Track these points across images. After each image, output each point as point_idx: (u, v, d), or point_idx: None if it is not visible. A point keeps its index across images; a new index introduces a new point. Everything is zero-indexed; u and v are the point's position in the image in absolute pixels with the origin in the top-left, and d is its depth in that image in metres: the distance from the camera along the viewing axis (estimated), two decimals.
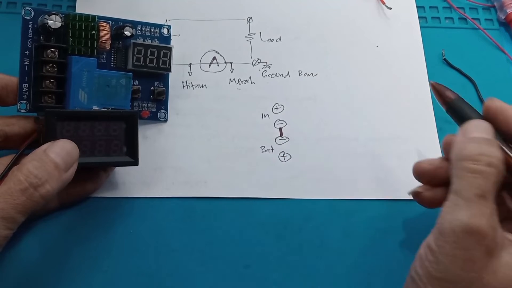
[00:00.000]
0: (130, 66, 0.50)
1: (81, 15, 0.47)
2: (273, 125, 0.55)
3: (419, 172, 0.47)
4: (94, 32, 0.47)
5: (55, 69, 0.46)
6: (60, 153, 0.42)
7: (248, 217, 0.51)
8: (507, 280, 0.37)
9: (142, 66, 0.51)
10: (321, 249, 0.50)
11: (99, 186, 0.50)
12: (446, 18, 0.63)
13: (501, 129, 0.42)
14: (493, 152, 0.40)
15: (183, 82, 0.56)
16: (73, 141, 0.44)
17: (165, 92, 0.53)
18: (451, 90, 0.46)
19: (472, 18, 0.63)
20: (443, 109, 0.47)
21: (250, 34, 0.59)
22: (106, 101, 0.48)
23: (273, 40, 0.59)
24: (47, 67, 0.46)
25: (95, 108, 0.48)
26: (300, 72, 0.58)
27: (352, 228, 0.51)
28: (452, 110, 0.46)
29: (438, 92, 0.47)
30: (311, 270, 0.49)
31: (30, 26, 0.46)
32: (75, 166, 0.43)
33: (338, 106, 0.56)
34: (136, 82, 0.51)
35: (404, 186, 0.48)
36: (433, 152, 0.55)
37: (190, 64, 0.56)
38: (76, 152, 0.43)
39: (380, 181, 0.53)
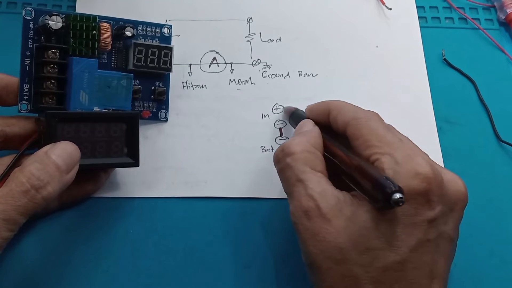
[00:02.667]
0: (131, 66, 0.50)
1: (82, 15, 0.47)
2: (273, 125, 0.55)
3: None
4: (95, 32, 0.47)
5: (56, 70, 0.46)
6: (61, 155, 0.42)
7: (248, 217, 0.51)
8: (348, 232, 0.39)
9: (143, 66, 0.50)
10: None
11: (99, 186, 0.50)
12: (446, 18, 0.63)
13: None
14: (288, 143, 0.44)
15: (183, 82, 0.56)
16: (74, 142, 0.44)
17: (166, 92, 0.53)
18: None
19: (472, 18, 0.63)
20: (442, 111, 0.48)
21: (250, 34, 0.59)
22: (107, 102, 0.48)
23: (273, 40, 0.59)
24: (48, 68, 0.46)
25: (96, 109, 0.47)
26: (300, 72, 0.58)
27: None
28: (293, 117, 0.53)
29: (286, 110, 0.55)
30: None
31: (31, 26, 0.46)
32: (76, 168, 0.43)
33: None
34: (136, 82, 0.51)
35: None
36: (433, 152, 0.55)
37: (190, 64, 0.56)
38: (78, 154, 0.44)
39: None
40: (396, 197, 0.35)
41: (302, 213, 0.40)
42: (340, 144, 0.44)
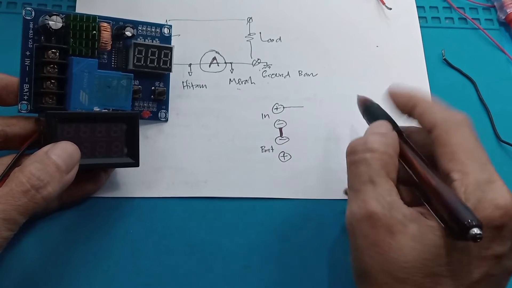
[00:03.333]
0: (131, 66, 0.50)
1: (82, 15, 0.47)
2: (273, 125, 0.55)
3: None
4: (95, 32, 0.47)
5: (56, 70, 0.46)
6: (61, 155, 0.42)
7: (248, 217, 0.51)
8: (414, 252, 0.37)
9: (143, 66, 0.50)
10: (321, 249, 0.50)
11: (99, 186, 0.50)
12: (446, 18, 0.63)
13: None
14: (371, 138, 0.42)
15: (183, 82, 0.56)
16: (74, 142, 0.44)
17: (166, 92, 0.53)
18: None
19: (472, 18, 0.63)
20: None
21: (250, 34, 0.59)
22: (107, 102, 0.48)
23: (273, 40, 0.59)
24: (48, 68, 0.46)
25: (96, 109, 0.47)
26: (300, 72, 0.58)
27: None
28: (367, 111, 0.50)
29: (360, 100, 0.51)
30: (311, 270, 0.49)
31: (31, 26, 0.46)
32: (76, 168, 0.43)
33: (338, 106, 0.56)
34: (136, 82, 0.51)
35: None
36: None
37: (190, 64, 0.56)
38: (78, 154, 0.44)
39: None
40: (473, 232, 0.34)
41: (366, 216, 0.38)
42: (416, 150, 0.43)
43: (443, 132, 0.41)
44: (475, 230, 0.34)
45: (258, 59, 0.58)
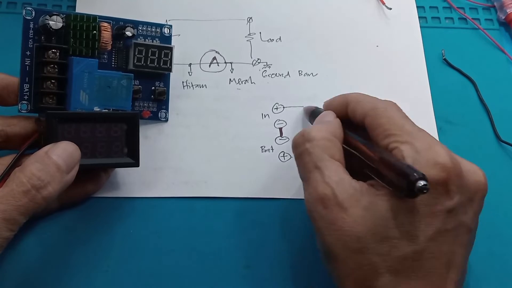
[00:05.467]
0: (131, 66, 0.50)
1: (82, 15, 0.47)
2: (273, 125, 0.55)
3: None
4: (95, 32, 0.47)
5: (56, 70, 0.46)
6: (62, 155, 0.42)
7: (248, 217, 0.51)
8: (366, 222, 0.38)
9: (143, 66, 0.50)
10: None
11: (99, 187, 0.50)
12: (446, 18, 0.63)
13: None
14: (308, 129, 0.44)
15: (183, 82, 0.56)
16: (74, 142, 0.44)
17: (166, 92, 0.53)
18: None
19: (472, 18, 0.63)
20: (442, 111, 0.48)
21: (250, 34, 0.59)
22: (107, 102, 0.48)
23: (273, 40, 0.59)
24: (48, 68, 0.46)
25: (96, 109, 0.48)
26: (300, 72, 0.58)
27: None
28: (313, 115, 0.51)
29: (306, 109, 0.55)
30: (311, 270, 0.49)
31: (31, 26, 0.46)
32: (76, 168, 0.43)
33: None
34: (137, 82, 0.51)
35: None
36: None
37: (190, 64, 0.56)
38: (78, 154, 0.44)
39: None
40: (420, 185, 0.35)
41: (318, 200, 0.40)
42: (358, 135, 0.45)
43: (373, 117, 0.43)
44: (421, 183, 0.35)
45: (258, 59, 0.58)
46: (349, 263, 0.39)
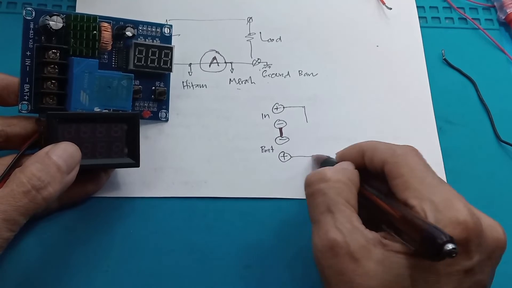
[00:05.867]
0: (131, 66, 0.50)
1: (82, 15, 0.47)
2: (273, 125, 0.55)
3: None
4: (95, 32, 0.47)
5: (56, 70, 0.46)
6: (62, 155, 0.42)
7: (248, 217, 0.51)
8: (379, 276, 0.37)
9: (144, 66, 0.50)
10: None
11: (99, 187, 0.50)
12: (446, 18, 0.63)
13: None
14: (327, 170, 0.43)
15: (183, 82, 0.56)
16: (74, 143, 0.44)
17: (166, 92, 0.53)
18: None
19: (472, 18, 0.63)
20: (442, 111, 0.48)
21: (250, 34, 0.59)
22: (108, 102, 0.48)
23: (273, 40, 0.59)
24: (49, 68, 0.46)
25: (97, 109, 0.48)
26: (300, 72, 0.58)
27: None
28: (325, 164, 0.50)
29: (316, 158, 0.53)
30: (311, 270, 0.49)
31: (31, 26, 0.46)
32: (77, 169, 0.43)
33: (338, 106, 0.57)
34: (137, 82, 0.51)
35: None
36: (433, 152, 0.55)
37: (190, 64, 0.56)
38: (78, 155, 0.44)
39: None
40: (448, 248, 0.34)
41: (328, 247, 0.39)
42: (376, 188, 0.43)
43: (393, 165, 0.41)
44: (449, 246, 0.34)
45: (258, 59, 0.58)
46: None
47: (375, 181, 0.44)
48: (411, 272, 0.37)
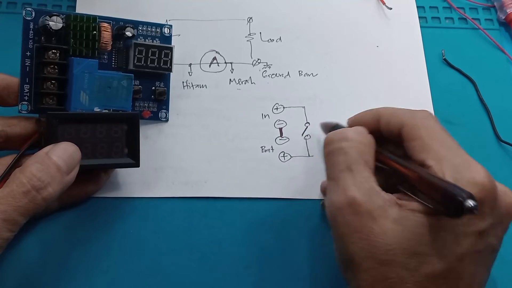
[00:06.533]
0: (131, 67, 0.50)
1: (82, 15, 0.47)
2: (273, 125, 0.55)
3: (322, 190, 0.51)
4: (95, 32, 0.47)
5: (56, 70, 0.46)
6: (62, 155, 0.42)
7: (248, 217, 0.51)
8: (397, 234, 0.37)
9: (143, 67, 0.50)
10: (320, 249, 0.50)
11: (99, 187, 0.50)
12: (446, 18, 0.63)
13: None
14: (347, 130, 0.43)
15: (183, 82, 0.56)
16: (74, 143, 0.44)
17: (166, 92, 0.53)
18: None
19: (472, 18, 0.63)
20: (442, 111, 0.48)
21: (250, 34, 0.59)
22: (107, 102, 0.48)
23: (273, 40, 0.59)
24: (48, 68, 0.46)
25: (97, 109, 0.48)
26: (300, 72, 0.58)
27: None
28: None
29: (325, 126, 0.52)
30: (311, 270, 0.49)
31: (31, 26, 0.46)
32: (77, 169, 0.43)
33: (338, 106, 0.56)
34: (137, 82, 0.51)
35: None
36: None
37: (190, 64, 0.56)
38: (78, 155, 0.44)
39: None
40: (470, 205, 0.34)
41: (346, 204, 0.39)
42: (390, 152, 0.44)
43: (411, 128, 0.42)
44: (470, 202, 0.34)
45: (258, 59, 0.58)
46: (373, 274, 0.38)
47: (389, 146, 0.45)
48: (427, 230, 0.37)
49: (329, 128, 0.50)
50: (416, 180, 0.39)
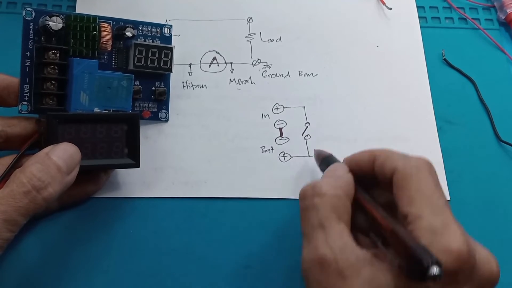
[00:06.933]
0: (131, 67, 0.50)
1: (82, 16, 0.47)
2: (273, 125, 0.55)
3: None
4: (95, 33, 0.47)
5: (56, 70, 0.46)
6: (62, 156, 0.42)
7: (248, 217, 0.51)
8: None
9: (143, 67, 0.50)
10: None
11: (99, 187, 0.50)
12: (446, 18, 0.63)
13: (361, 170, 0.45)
14: (320, 183, 0.42)
15: (183, 82, 0.56)
16: (74, 143, 0.44)
17: (166, 92, 0.53)
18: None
19: (472, 18, 0.63)
20: (442, 111, 0.48)
21: (250, 34, 0.59)
22: (107, 103, 0.48)
23: (273, 40, 0.59)
24: (48, 69, 0.46)
25: (97, 110, 0.48)
26: (300, 72, 0.58)
27: None
28: (325, 162, 0.49)
29: (317, 153, 0.52)
30: None
31: (31, 27, 0.46)
32: (77, 169, 0.43)
33: (338, 106, 0.57)
34: (137, 82, 0.51)
35: None
36: (433, 152, 0.55)
37: (190, 64, 0.56)
38: (78, 155, 0.44)
39: None
40: (433, 272, 0.33)
41: (317, 262, 0.38)
42: (372, 197, 0.43)
43: (403, 176, 0.40)
44: (434, 269, 0.33)
45: (258, 59, 0.58)
46: None
47: (377, 190, 0.44)
48: None
49: (320, 158, 0.50)
50: (388, 233, 0.38)
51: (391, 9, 0.61)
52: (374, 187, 0.44)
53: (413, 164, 0.41)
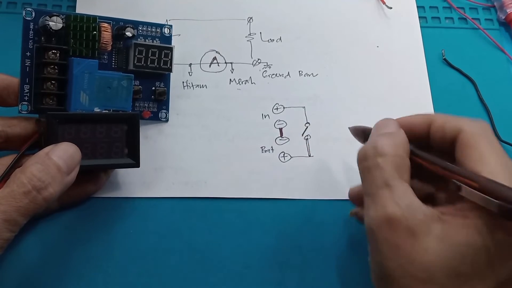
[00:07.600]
0: (131, 67, 0.50)
1: (82, 16, 0.47)
2: (273, 125, 0.55)
3: (351, 197, 0.49)
4: (95, 33, 0.47)
5: (56, 70, 0.46)
6: (62, 156, 0.42)
7: (248, 217, 0.51)
8: (438, 253, 0.36)
9: (143, 67, 0.50)
10: (321, 249, 0.50)
11: (99, 187, 0.50)
12: (446, 18, 0.63)
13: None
14: (381, 142, 0.41)
15: (183, 82, 0.56)
16: (74, 143, 0.44)
17: (166, 92, 0.53)
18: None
19: (472, 18, 0.63)
20: (442, 111, 0.48)
21: (250, 34, 0.59)
22: (108, 102, 0.48)
23: (273, 40, 0.59)
24: (48, 68, 0.46)
25: (97, 110, 0.48)
26: (300, 72, 0.58)
27: (351, 229, 0.51)
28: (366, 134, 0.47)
29: (355, 130, 0.50)
30: (311, 270, 0.49)
31: (31, 27, 0.46)
32: (77, 169, 0.43)
33: (339, 106, 0.57)
34: (137, 82, 0.51)
35: None
36: None
37: (191, 64, 0.56)
38: (78, 155, 0.44)
39: None
40: None
41: (385, 220, 0.38)
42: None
43: (470, 135, 0.40)
44: None
45: (259, 59, 0.58)
46: None
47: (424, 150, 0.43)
48: (472, 250, 0.36)
49: (359, 133, 0.49)
50: (467, 181, 0.37)
51: (391, 8, 0.61)
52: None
53: (478, 125, 0.41)
